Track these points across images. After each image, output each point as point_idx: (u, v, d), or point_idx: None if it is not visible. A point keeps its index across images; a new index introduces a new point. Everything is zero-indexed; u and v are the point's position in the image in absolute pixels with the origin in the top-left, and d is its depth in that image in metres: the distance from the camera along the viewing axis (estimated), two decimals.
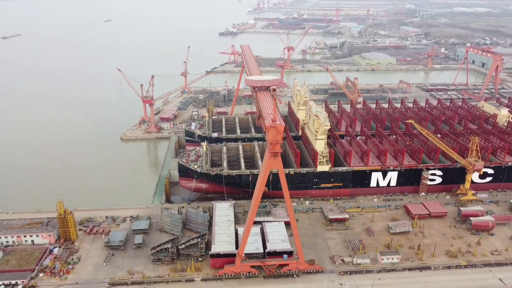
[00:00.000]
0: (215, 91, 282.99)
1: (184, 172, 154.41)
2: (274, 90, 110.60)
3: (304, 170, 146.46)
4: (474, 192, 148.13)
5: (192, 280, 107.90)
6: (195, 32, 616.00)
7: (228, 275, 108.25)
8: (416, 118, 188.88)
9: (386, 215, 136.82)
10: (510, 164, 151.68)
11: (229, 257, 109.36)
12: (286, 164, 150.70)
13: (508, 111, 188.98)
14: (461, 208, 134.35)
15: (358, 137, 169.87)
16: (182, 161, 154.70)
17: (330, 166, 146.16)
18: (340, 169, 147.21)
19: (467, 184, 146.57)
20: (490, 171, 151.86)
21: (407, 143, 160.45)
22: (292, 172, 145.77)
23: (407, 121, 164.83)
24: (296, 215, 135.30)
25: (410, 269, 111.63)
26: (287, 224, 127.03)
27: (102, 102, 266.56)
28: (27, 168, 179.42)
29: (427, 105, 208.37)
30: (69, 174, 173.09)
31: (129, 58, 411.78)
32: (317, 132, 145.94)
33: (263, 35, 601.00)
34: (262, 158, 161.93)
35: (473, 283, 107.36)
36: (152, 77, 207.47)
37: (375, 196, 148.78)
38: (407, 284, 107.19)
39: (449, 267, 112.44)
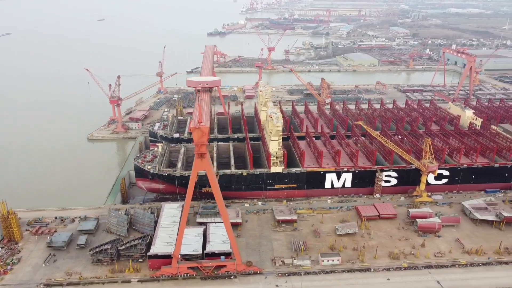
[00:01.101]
0: (191, 92, 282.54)
1: (140, 172, 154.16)
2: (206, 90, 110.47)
3: (257, 171, 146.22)
4: (429, 193, 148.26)
5: (129, 281, 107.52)
6: (186, 32, 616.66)
7: (165, 276, 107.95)
8: (380, 119, 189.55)
9: (337, 216, 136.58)
10: (465, 166, 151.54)
11: (168, 258, 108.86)
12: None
13: (473, 112, 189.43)
14: (410, 210, 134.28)
15: (317, 139, 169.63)
16: (138, 162, 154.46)
17: (283, 167, 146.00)
18: (293, 170, 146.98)
19: (422, 186, 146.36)
20: (446, 172, 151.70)
21: (363, 144, 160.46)
22: (245, 173, 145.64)
23: (355, 122, 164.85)
24: (246, 216, 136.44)
25: (349, 271, 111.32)
26: (236, 225, 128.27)
27: (71, 103, 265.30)
28: None
29: (394, 107, 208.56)
30: (29, 174, 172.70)
31: (112, 58, 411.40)
32: (271, 133, 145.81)
33: (251, 35, 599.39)
34: (219, 158, 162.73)
35: (409, 285, 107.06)
36: (118, 77, 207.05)
37: (329, 197, 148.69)
38: (344, 286, 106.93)
39: (389, 269, 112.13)
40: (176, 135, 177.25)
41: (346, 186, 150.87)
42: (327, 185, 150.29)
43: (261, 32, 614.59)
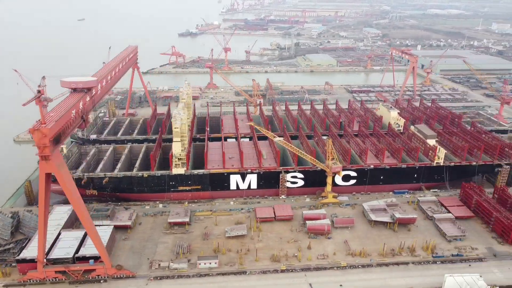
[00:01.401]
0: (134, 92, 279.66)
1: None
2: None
3: (159, 173, 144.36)
4: (336, 194, 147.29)
5: None
6: (160, 32, 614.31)
7: (32, 281, 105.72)
8: (304, 120, 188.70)
9: (234, 218, 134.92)
10: (372, 166, 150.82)
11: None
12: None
13: (398, 113, 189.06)
14: (303, 212, 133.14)
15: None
16: None
17: (185, 168, 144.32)
18: (196, 171, 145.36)
19: (328, 187, 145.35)
20: (353, 173, 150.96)
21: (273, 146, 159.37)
22: (146, 175, 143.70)
23: (247, 123, 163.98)
24: (143, 218, 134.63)
25: (224, 274, 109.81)
26: (125, 227, 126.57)
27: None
28: None
29: (336, 107, 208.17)
30: None
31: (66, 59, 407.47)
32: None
33: (223, 36, 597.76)
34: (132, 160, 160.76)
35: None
36: (44, 78, 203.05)
37: (234, 199, 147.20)
38: None
39: (265, 272, 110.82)
40: (93, 137, 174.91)
41: (252, 187, 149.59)
42: (232, 186, 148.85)
43: (230, 33, 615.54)
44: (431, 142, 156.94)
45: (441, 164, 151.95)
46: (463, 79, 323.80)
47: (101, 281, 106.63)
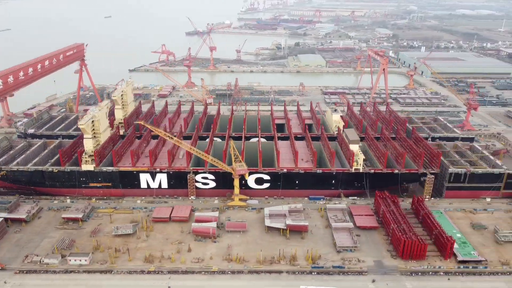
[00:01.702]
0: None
1: None
2: None
3: (68, 168, 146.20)
4: (246, 197, 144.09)
5: None
6: (171, 30, 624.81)
7: None
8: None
9: (132, 217, 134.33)
10: (285, 170, 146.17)
11: None
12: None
13: (341, 116, 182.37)
14: (196, 214, 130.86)
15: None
16: None
17: (94, 165, 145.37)
18: (105, 169, 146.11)
19: (236, 190, 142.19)
20: (267, 177, 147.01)
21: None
22: (55, 170, 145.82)
23: (135, 122, 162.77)
24: (45, 213, 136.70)
25: (90, 272, 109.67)
26: (19, 220, 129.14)
27: None
28: None
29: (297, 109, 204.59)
30: None
31: None
32: None
33: (232, 35, 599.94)
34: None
35: None
36: None
37: (142, 197, 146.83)
38: (72, 286, 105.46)
39: (131, 272, 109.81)
40: (31, 131, 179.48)
41: (162, 187, 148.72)
42: (143, 185, 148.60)
43: (244, 32, 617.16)
44: (354, 147, 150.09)
45: (360, 170, 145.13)
46: (452, 82, 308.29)
47: None
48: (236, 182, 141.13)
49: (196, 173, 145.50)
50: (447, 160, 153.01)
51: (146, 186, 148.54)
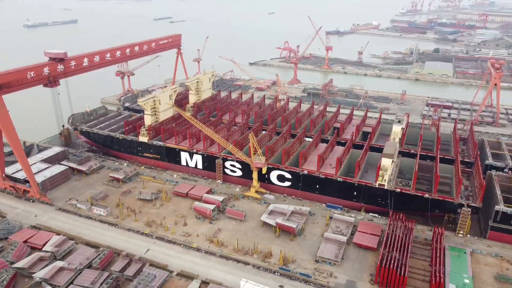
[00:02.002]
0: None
1: None
2: None
3: (129, 137, 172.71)
4: (264, 191, 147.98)
5: None
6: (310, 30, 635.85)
7: None
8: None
9: (162, 187, 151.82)
10: (306, 172, 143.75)
11: None
12: None
13: (402, 128, 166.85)
14: (204, 195, 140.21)
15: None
16: None
17: (148, 138, 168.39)
18: (155, 142, 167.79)
19: (254, 182, 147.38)
20: (288, 175, 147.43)
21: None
22: (120, 137, 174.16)
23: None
24: (105, 170, 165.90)
25: (102, 221, 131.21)
26: (83, 172, 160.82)
27: None
28: None
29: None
30: None
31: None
32: None
33: (373, 36, 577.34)
34: None
35: (126, 244, 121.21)
36: None
37: (180, 173, 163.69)
38: (82, 229, 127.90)
39: (129, 230, 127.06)
40: (127, 104, 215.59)
41: (198, 167, 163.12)
42: (183, 162, 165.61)
43: (380, 34, 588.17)
44: (386, 161, 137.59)
45: (385, 186, 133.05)
46: None
47: (31, 200, 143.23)
48: (255, 175, 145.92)
49: (225, 159, 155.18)
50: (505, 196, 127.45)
51: (185, 164, 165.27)
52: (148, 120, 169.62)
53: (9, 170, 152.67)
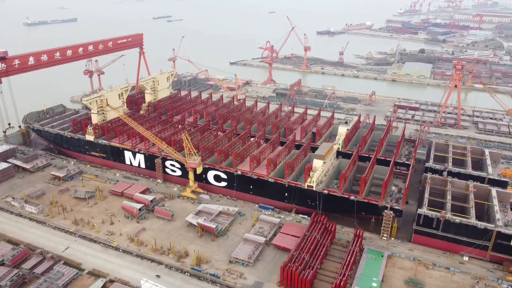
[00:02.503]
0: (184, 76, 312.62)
1: None
2: None
3: (77, 135, 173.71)
4: (201, 191, 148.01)
5: None
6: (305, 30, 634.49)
7: None
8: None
9: (101, 186, 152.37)
10: (239, 172, 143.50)
11: None
12: None
13: (347, 129, 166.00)
14: (136, 194, 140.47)
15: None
16: None
17: (94, 137, 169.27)
18: (100, 141, 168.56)
19: (190, 182, 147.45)
20: (223, 175, 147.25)
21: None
22: (69, 136, 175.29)
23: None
24: (50, 168, 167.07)
25: (31, 219, 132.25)
26: (27, 170, 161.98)
27: None
28: None
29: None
30: None
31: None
32: None
33: (363, 37, 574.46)
34: None
35: (42, 240, 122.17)
36: None
37: (124, 172, 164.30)
38: (12, 225, 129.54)
39: (55, 228, 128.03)
40: None
41: (141, 166, 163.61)
42: (127, 161, 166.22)
43: (371, 34, 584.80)
44: (317, 162, 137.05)
45: (313, 188, 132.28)
46: None
47: None
48: (191, 175, 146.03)
49: (165, 159, 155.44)
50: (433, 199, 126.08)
51: (129, 163, 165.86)
52: (94, 118, 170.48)
53: None
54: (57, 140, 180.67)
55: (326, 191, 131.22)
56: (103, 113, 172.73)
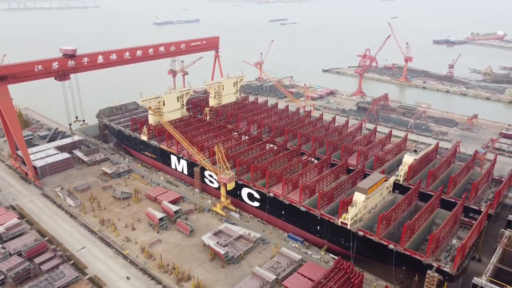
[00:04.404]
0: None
1: None
2: None
3: (134, 134, 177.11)
4: (232, 208, 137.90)
5: None
6: (422, 38, 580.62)
7: None
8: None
9: (141, 188, 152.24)
10: (271, 194, 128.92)
11: None
12: None
13: (414, 159, 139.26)
14: (163, 202, 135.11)
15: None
16: None
17: (147, 137, 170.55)
18: (152, 142, 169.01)
19: (222, 197, 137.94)
20: (257, 195, 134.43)
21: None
22: (127, 133, 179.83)
23: None
24: (106, 163, 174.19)
25: (66, 212, 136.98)
26: (85, 162, 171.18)
27: None
28: None
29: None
30: None
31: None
32: None
33: (491, 49, 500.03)
34: None
35: (68, 236, 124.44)
36: None
37: (169, 175, 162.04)
38: (48, 213, 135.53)
39: (82, 224, 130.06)
40: None
41: (184, 172, 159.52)
42: (173, 165, 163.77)
43: (501, 46, 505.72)
44: (358, 196, 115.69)
45: (348, 226, 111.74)
46: None
47: (28, 182, 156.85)
48: (222, 190, 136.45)
49: (204, 169, 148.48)
50: None
51: (174, 167, 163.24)
52: (151, 119, 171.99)
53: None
54: (120, 136, 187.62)
55: (361, 232, 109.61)
56: (159, 114, 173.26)
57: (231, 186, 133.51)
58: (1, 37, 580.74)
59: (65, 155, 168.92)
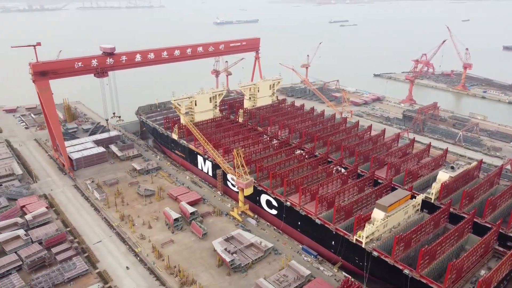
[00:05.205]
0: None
1: None
2: None
3: (166, 132, 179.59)
4: (250, 214, 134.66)
5: None
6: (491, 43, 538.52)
7: None
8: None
9: (166, 186, 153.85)
10: (288, 204, 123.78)
11: None
12: None
13: (450, 176, 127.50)
14: (181, 202, 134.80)
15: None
16: None
17: (177, 136, 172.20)
18: (181, 141, 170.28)
19: (240, 203, 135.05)
20: (275, 202, 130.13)
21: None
22: (160, 131, 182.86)
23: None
24: (138, 159, 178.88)
25: (92, 205, 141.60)
26: (118, 157, 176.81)
27: None
28: None
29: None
30: None
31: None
32: None
33: None
34: None
35: (86, 226, 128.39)
36: None
37: (195, 176, 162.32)
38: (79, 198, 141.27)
39: (103, 218, 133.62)
40: None
41: (209, 173, 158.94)
42: (199, 166, 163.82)
43: None
44: (377, 213, 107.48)
45: (362, 245, 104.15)
46: None
47: (64, 173, 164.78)
48: (240, 195, 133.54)
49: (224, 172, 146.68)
50: None
51: (201, 168, 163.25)
52: (182, 119, 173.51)
53: (67, 143, 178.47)
54: (154, 134, 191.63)
55: (376, 253, 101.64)
56: (191, 114, 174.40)
57: (248, 191, 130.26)
58: (75, 34, 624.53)
59: (101, 149, 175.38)
